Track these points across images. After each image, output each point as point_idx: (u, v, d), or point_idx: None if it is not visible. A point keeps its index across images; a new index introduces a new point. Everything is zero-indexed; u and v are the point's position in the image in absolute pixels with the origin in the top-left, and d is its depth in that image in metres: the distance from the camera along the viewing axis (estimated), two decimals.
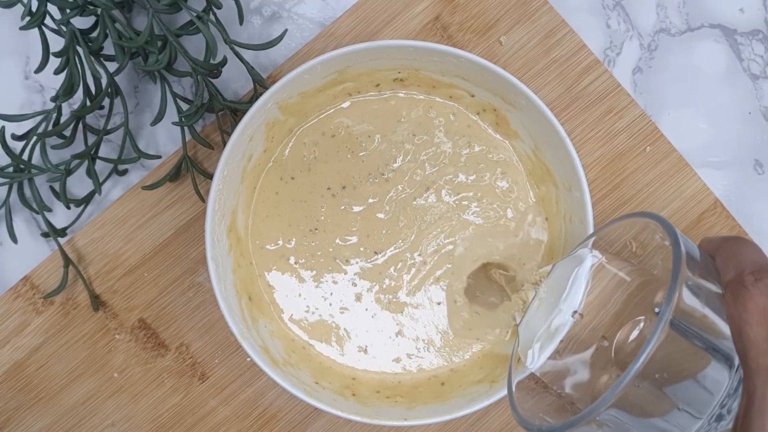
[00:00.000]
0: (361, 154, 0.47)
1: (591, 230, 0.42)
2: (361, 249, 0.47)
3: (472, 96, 0.46)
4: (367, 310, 0.47)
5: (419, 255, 0.47)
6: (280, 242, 0.47)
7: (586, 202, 0.42)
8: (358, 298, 0.47)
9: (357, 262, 0.47)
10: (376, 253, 0.47)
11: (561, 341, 0.38)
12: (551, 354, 0.38)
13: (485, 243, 0.47)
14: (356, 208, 0.47)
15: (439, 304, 0.47)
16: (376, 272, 0.47)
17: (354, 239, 0.47)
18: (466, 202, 0.47)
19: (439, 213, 0.47)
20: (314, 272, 0.47)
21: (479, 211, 0.48)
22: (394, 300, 0.47)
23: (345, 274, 0.47)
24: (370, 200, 0.47)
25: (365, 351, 0.47)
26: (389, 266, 0.47)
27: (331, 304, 0.47)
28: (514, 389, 0.37)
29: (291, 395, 0.42)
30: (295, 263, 0.47)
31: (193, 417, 0.50)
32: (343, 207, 0.47)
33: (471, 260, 0.47)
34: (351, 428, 0.50)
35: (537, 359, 0.38)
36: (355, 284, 0.47)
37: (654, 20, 0.51)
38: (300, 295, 0.47)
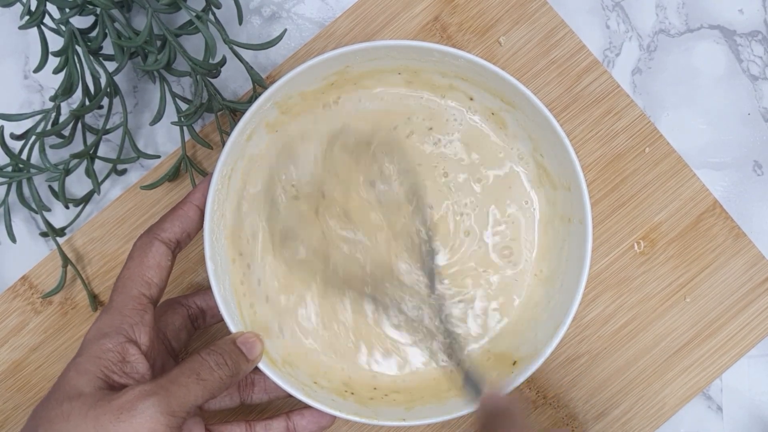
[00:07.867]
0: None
1: (590, 231, 0.42)
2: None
3: (471, 99, 0.46)
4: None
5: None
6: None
7: (586, 203, 0.42)
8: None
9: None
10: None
11: None
12: None
13: None
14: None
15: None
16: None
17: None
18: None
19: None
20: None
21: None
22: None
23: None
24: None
25: (363, 348, 0.47)
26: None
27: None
28: None
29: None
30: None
31: None
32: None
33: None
34: (350, 428, 0.50)
35: None
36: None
37: (653, 21, 0.51)
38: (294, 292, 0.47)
